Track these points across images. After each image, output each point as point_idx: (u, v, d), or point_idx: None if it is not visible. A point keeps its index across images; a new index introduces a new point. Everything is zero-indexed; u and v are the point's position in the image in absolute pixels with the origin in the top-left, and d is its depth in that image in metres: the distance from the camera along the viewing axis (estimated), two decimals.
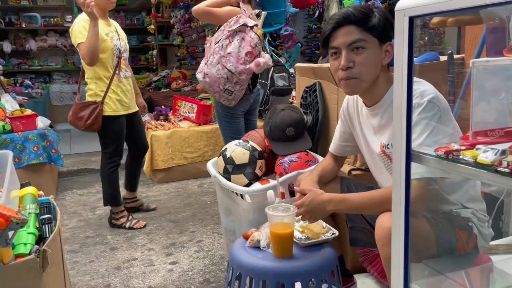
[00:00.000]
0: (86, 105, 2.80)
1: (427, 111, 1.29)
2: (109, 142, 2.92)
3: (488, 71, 1.11)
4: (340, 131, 1.74)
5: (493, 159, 0.76)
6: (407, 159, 0.95)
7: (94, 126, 2.80)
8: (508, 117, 1.09)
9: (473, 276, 1.53)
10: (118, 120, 2.89)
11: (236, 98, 2.66)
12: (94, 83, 2.82)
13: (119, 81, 2.86)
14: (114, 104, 2.85)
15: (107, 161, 2.96)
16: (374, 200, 1.40)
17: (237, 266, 1.48)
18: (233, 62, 2.55)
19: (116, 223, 3.01)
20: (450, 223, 1.37)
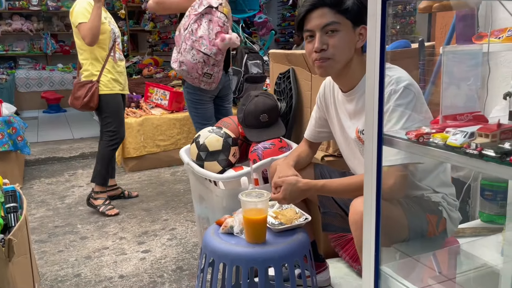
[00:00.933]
0: (82, 85, 2.89)
1: (403, 98, 1.30)
2: (110, 121, 2.98)
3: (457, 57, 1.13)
4: (315, 117, 1.75)
5: (462, 141, 0.77)
6: (378, 143, 0.95)
7: (90, 104, 2.88)
8: (476, 102, 1.12)
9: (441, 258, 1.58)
10: (114, 98, 2.97)
11: (216, 80, 2.66)
12: (91, 64, 2.90)
13: (114, 62, 2.95)
14: (110, 83, 2.93)
15: (107, 139, 3.00)
16: (352, 186, 1.42)
17: (210, 252, 1.47)
18: (207, 44, 2.54)
19: (92, 202, 3.01)
20: (421, 207, 1.40)
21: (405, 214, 1.33)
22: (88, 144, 4.88)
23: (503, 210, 1.80)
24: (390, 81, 1.32)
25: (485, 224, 1.84)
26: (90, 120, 6.08)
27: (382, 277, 1.01)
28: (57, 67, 7.79)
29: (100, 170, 3.01)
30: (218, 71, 2.62)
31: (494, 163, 0.71)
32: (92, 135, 5.27)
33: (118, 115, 3.01)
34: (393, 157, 1.28)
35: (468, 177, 1.88)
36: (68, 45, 8.27)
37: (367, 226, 1.01)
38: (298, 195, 1.52)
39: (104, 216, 2.92)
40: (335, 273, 1.97)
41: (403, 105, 1.29)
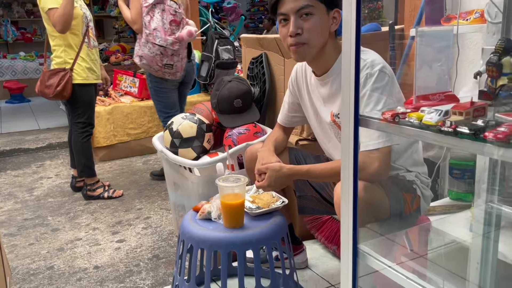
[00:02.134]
0: (54, 73, 2.74)
1: (379, 81, 1.32)
2: (81, 112, 2.86)
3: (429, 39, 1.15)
4: (288, 102, 1.75)
5: (437, 120, 0.79)
6: (355, 125, 0.96)
7: (63, 93, 2.74)
8: (447, 82, 1.14)
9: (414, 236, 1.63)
10: (88, 88, 2.85)
11: (179, 69, 2.63)
12: (64, 51, 2.76)
13: (88, 49, 2.82)
14: (84, 72, 2.80)
15: (79, 131, 2.89)
16: (336, 170, 1.43)
17: (188, 238, 1.46)
18: (161, 36, 2.53)
19: (92, 194, 2.95)
20: (397, 186, 1.43)
21: (387, 195, 1.36)
22: (55, 134, 4.74)
23: (471, 187, 1.87)
24: (365, 65, 1.34)
25: (454, 202, 1.92)
26: (56, 110, 5.89)
27: (360, 255, 1.04)
28: (19, 55, 7.48)
29: (85, 163, 2.92)
30: (179, 60, 2.60)
31: (468, 139, 0.74)
32: (59, 125, 5.12)
33: (90, 106, 2.90)
34: (375, 140, 1.30)
35: (438, 157, 1.94)
36: (30, 33, 7.94)
37: (344, 206, 1.02)
38: (283, 181, 1.53)
39: (75, 207, 2.85)
40: (312, 254, 2.01)
41: (379, 88, 1.31)
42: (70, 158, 3.16)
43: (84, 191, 2.99)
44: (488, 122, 0.74)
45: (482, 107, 0.78)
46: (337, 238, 1.98)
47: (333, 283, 1.81)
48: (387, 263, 1.06)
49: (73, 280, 2.00)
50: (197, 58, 4.21)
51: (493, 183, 1.51)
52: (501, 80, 0.87)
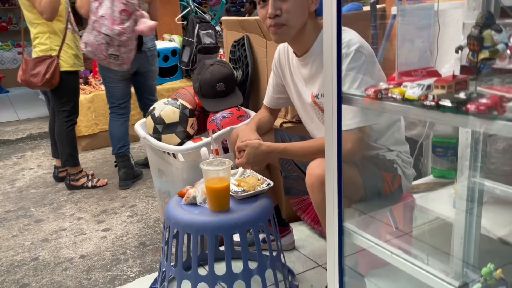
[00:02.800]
0: (40, 60, 2.65)
1: (355, 61, 1.31)
2: (67, 100, 2.80)
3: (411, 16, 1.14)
4: (272, 84, 1.74)
5: (419, 94, 0.78)
6: (338, 102, 0.96)
7: (52, 81, 2.66)
8: (429, 59, 1.14)
9: (398, 214, 1.65)
10: (74, 76, 2.80)
11: (126, 61, 2.53)
12: (48, 38, 2.67)
13: (73, 35, 2.77)
14: (71, 59, 2.74)
15: (63, 120, 2.83)
16: (312, 149, 1.44)
17: (174, 223, 1.45)
18: (108, 25, 2.40)
19: (76, 184, 2.91)
20: (377, 166, 1.44)
21: (360, 174, 1.37)
22: (35, 125, 4.64)
23: (454, 165, 1.89)
24: (342, 44, 1.33)
25: (438, 180, 1.94)
26: (36, 100, 5.76)
27: (346, 233, 1.04)
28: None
29: (69, 152, 2.87)
30: (126, 52, 2.50)
31: (451, 113, 0.73)
32: (38, 116, 5.02)
33: (76, 94, 2.85)
34: (349, 121, 1.30)
35: (421, 135, 1.95)
36: (5, 21, 7.71)
37: (329, 185, 1.02)
38: (261, 158, 1.52)
39: (59, 198, 2.81)
40: (299, 236, 2.02)
41: (355, 68, 1.30)
42: (52, 148, 3.10)
43: (67, 181, 2.94)
44: (471, 94, 0.74)
45: (464, 80, 0.78)
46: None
47: (320, 263, 1.82)
48: (372, 240, 1.06)
49: (59, 270, 1.98)
50: (178, 44, 4.15)
51: (476, 159, 1.52)
52: (482, 53, 0.87)
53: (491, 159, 1.90)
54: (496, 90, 0.79)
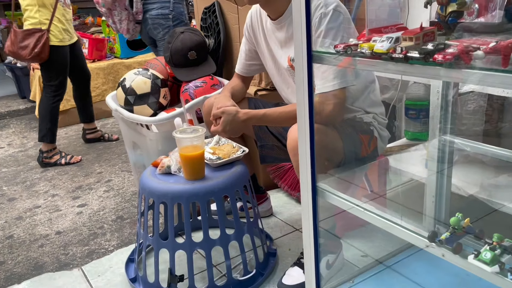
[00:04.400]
0: (30, 33, 2.61)
1: (334, 21, 1.30)
2: (54, 74, 2.77)
3: None
4: (244, 50, 1.70)
5: (388, 47, 0.78)
6: (308, 61, 0.94)
7: (41, 55, 2.63)
8: (399, 16, 1.13)
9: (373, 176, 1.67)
10: (63, 50, 2.76)
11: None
12: (38, 11, 2.62)
13: (64, 9, 2.72)
14: (60, 34, 2.71)
15: (51, 94, 2.80)
16: (292, 113, 1.41)
17: (149, 193, 1.43)
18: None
19: (49, 161, 2.87)
20: (354, 128, 1.44)
21: (340, 137, 1.37)
22: (4, 103, 4.48)
23: (426, 127, 1.92)
24: (319, 4, 1.31)
25: (411, 142, 1.97)
26: (4, 78, 5.55)
27: (319, 192, 1.05)
28: None
29: (48, 127, 2.82)
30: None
31: (419, 64, 0.73)
32: (7, 94, 4.84)
33: (64, 68, 2.81)
34: (330, 83, 1.29)
35: (393, 98, 1.96)
36: None
37: (302, 146, 1.02)
38: (238, 125, 1.50)
39: (31, 176, 2.75)
40: (276, 202, 2.03)
41: (334, 28, 1.29)
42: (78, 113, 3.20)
43: (40, 158, 2.88)
44: (438, 45, 0.73)
45: (432, 32, 0.77)
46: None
47: (297, 227, 1.85)
48: (347, 199, 1.07)
49: (35, 247, 1.95)
50: None
51: (446, 120, 1.55)
52: (450, 6, 0.86)
53: (462, 120, 1.93)
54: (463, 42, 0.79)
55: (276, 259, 1.63)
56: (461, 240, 0.81)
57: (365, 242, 1.67)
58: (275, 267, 1.60)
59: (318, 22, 1.30)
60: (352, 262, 1.55)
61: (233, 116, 1.48)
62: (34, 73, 3.66)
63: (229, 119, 1.49)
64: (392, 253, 1.58)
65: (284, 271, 1.53)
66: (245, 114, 1.49)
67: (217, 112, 1.50)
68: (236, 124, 1.50)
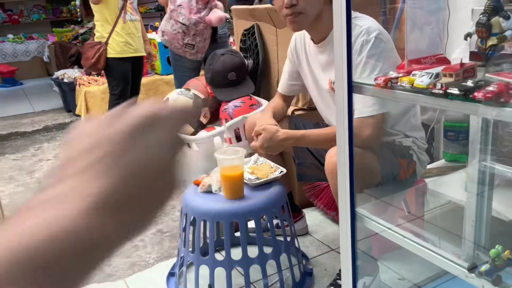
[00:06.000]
0: (91, 46, 2.90)
1: (375, 48, 1.32)
2: (115, 84, 3.01)
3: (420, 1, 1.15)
4: (287, 71, 1.75)
5: (428, 83, 0.80)
6: (349, 90, 0.98)
7: (97, 65, 2.89)
8: (438, 45, 1.15)
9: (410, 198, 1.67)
10: (122, 63, 2.96)
11: (201, 50, 2.56)
12: (101, 26, 2.90)
13: (123, 23, 2.92)
14: (119, 46, 2.91)
15: (113, 102, 3.05)
16: (329, 136, 1.45)
17: (191, 211, 1.49)
18: (185, 14, 2.44)
19: None
20: (393, 152, 1.46)
21: (378, 160, 1.39)
22: (50, 116, 4.72)
23: (465, 149, 1.90)
24: (361, 32, 1.34)
25: (449, 164, 1.95)
26: (50, 92, 5.85)
27: (358, 218, 1.07)
28: (7, 38, 7.35)
29: None
30: (201, 41, 2.54)
31: (459, 100, 0.75)
32: (53, 107, 5.09)
33: (124, 79, 3.02)
34: (369, 108, 1.32)
35: (432, 119, 1.96)
36: (16, 14, 7.78)
37: (341, 171, 1.05)
38: (276, 144, 1.54)
39: None
40: (311, 221, 2.06)
41: (375, 55, 1.32)
42: None
43: None
44: (478, 82, 0.76)
45: (472, 68, 0.80)
46: (336, 204, 2.02)
47: (333, 247, 1.86)
48: (384, 225, 1.09)
49: None
50: None
51: (486, 143, 1.54)
52: (491, 40, 0.88)
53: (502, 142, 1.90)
54: (504, 77, 0.80)
55: (312, 278, 1.65)
56: (501, 272, 0.82)
57: (402, 265, 1.66)
58: (311, 286, 1.62)
59: (359, 49, 1.33)
60: (389, 285, 1.55)
61: (272, 135, 1.53)
62: (80, 89, 3.85)
63: (268, 137, 1.53)
64: (430, 278, 1.57)
65: None
66: (284, 134, 1.53)
67: (259, 129, 1.56)
68: (274, 142, 1.54)
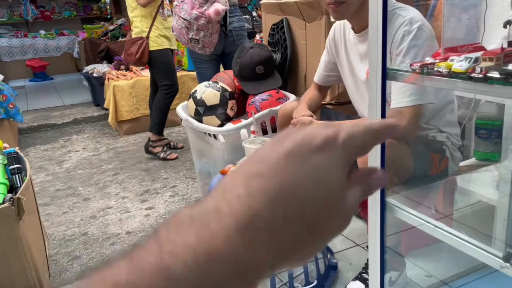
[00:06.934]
0: (133, 41, 3.02)
1: (417, 39, 1.31)
2: (163, 75, 3.14)
3: None
4: (324, 61, 1.75)
5: (467, 67, 0.79)
6: (383, 77, 0.97)
7: (142, 60, 3.02)
8: (475, 35, 1.13)
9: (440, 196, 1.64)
10: (164, 53, 3.09)
11: (207, 45, 2.57)
12: (140, 21, 3.01)
13: (162, 18, 3.04)
14: (159, 39, 3.04)
15: (163, 92, 3.16)
16: None
17: None
18: (187, 9, 2.46)
19: (152, 150, 3.22)
20: (426, 146, 1.43)
21: (411, 153, 1.37)
22: (79, 110, 4.84)
23: (497, 147, 1.85)
24: (404, 22, 1.32)
25: (481, 162, 1.90)
26: (80, 87, 5.99)
27: (388, 208, 1.06)
28: (39, 33, 7.57)
29: (158, 121, 3.17)
30: (206, 35, 2.54)
31: (499, 85, 0.74)
32: (82, 101, 5.21)
33: (169, 68, 3.14)
34: (407, 98, 1.30)
35: (463, 117, 1.92)
36: (48, 10, 8.00)
37: (372, 161, 1.04)
38: None
39: (104, 178, 2.95)
40: None
41: (416, 46, 1.30)
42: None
43: (146, 145, 3.24)
44: None
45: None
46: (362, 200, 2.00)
47: (358, 243, 1.85)
48: (416, 214, 1.08)
49: (107, 244, 2.09)
50: None
51: None
52: None
53: None
54: None
55: (337, 272, 1.64)
56: None
57: (430, 262, 1.63)
58: (336, 280, 1.60)
59: (400, 39, 1.31)
60: (416, 281, 1.53)
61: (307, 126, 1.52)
62: (109, 83, 3.93)
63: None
64: (458, 275, 1.54)
65: (344, 284, 1.54)
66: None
67: (294, 121, 1.56)
68: None
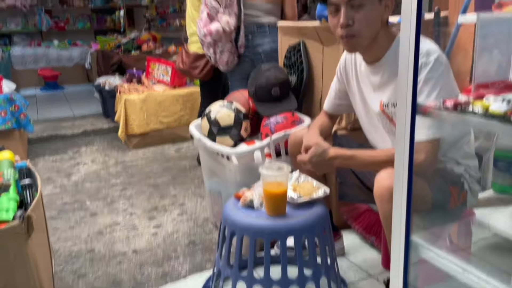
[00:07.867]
0: (200, 56, 3.03)
1: (434, 71, 1.29)
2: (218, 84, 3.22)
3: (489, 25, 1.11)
4: (335, 89, 1.73)
5: (506, 109, 0.76)
6: (412, 113, 0.94)
7: (207, 75, 3.10)
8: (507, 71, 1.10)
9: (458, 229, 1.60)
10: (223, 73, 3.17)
11: (220, 63, 2.60)
12: None
13: None
14: None
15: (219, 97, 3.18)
16: (381, 158, 1.41)
17: (231, 225, 1.47)
18: (201, 26, 2.55)
19: None
20: (444, 179, 1.40)
21: (429, 186, 1.33)
22: (89, 121, 4.84)
23: None
24: (420, 53, 1.30)
25: (499, 195, 1.86)
26: (90, 98, 6.01)
27: (413, 246, 1.02)
28: (53, 43, 7.65)
29: None
30: (215, 53, 2.58)
31: None
32: (93, 113, 5.22)
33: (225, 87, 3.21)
34: (425, 131, 1.27)
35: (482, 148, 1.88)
36: (62, 21, 8.10)
37: (397, 196, 1.01)
38: (324, 161, 1.50)
39: (112, 193, 2.92)
40: (349, 243, 1.99)
41: (434, 78, 1.28)
42: None
43: (198, 156, 3.29)
44: None
45: None
46: (375, 229, 1.96)
47: (372, 273, 1.80)
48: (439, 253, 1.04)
49: (114, 263, 2.06)
50: None
51: None
52: None
53: None
54: None
55: None
56: None
57: None
58: None
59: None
60: None
61: (323, 151, 1.50)
62: (121, 96, 3.93)
63: (319, 152, 1.50)
64: None
65: None
66: (334, 152, 1.50)
67: (310, 144, 1.53)
68: (322, 158, 1.51)
